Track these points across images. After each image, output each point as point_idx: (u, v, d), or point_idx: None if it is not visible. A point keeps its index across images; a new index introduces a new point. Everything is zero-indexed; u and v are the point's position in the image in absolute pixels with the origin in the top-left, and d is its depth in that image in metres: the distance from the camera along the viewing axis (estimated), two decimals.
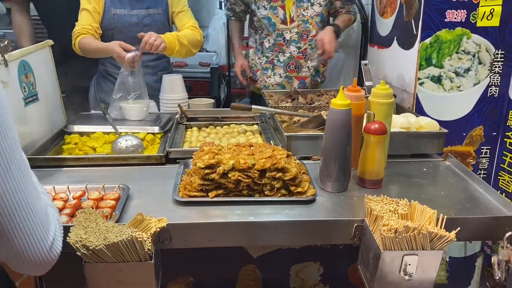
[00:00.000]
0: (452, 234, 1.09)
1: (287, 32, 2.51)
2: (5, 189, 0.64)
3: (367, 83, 1.99)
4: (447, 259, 2.26)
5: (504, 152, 2.03)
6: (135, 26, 2.34)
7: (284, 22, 2.49)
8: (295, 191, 1.36)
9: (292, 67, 2.57)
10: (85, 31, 2.25)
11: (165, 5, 2.41)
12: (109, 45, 2.12)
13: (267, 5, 2.48)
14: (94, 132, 1.89)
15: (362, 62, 2.13)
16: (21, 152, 0.72)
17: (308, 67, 2.58)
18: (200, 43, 2.43)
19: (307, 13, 2.48)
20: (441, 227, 1.12)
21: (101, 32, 2.33)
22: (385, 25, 2.42)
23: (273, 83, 2.62)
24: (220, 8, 4.68)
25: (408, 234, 1.08)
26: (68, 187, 1.40)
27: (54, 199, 1.33)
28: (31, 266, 0.71)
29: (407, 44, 2.11)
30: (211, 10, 4.75)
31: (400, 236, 1.08)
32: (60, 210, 1.28)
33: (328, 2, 2.50)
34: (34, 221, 0.69)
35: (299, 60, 2.56)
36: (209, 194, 1.34)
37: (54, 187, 1.39)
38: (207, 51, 4.49)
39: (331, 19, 2.65)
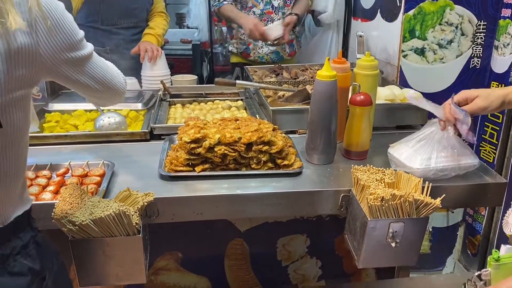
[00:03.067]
0: (437, 201, 1.11)
1: (275, 0, 2.58)
2: (105, 68, 1.04)
3: (359, 55, 1.98)
4: (430, 229, 2.32)
5: (485, 123, 2.06)
6: None
7: None
8: (282, 164, 1.36)
9: None
10: None
11: None
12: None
13: None
14: (76, 110, 1.85)
15: (357, 33, 2.11)
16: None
17: (292, 30, 2.68)
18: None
19: None
20: (426, 195, 1.14)
21: None
22: None
23: (267, 52, 2.68)
24: None
25: (394, 202, 1.09)
26: (50, 164, 1.37)
27: (37, 176, 1.30)
28: (119, 96, 1.12)
29: (390, 16, 2.10)
30: None
31: (386, 204, 1.09)
32: (44, 187, 1.25)
33: None
34: (117, 75, 1.10)
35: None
36: (196, 168, 1.33)
37: (36, 164, 1.36)
38: (188, 27, 4.39)
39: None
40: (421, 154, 1.30)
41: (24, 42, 0.77)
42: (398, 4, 2.00)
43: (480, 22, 1.97)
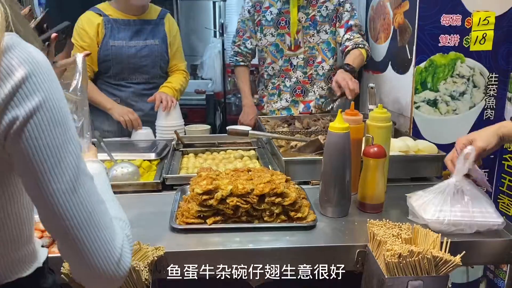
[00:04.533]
0: (457, 258, 1.07)
1: (294, 58, 2.55)
2: (72, 205, 0.65)
3: (371, 107, 1.99)
4: (450, 285, 2.22)
5: (502, 174, 2.02)
6: (133, 57, 2.38)
7: (290, 48, 2.54)
8: (295, 216, 1.33)
9: (299, 91, 2.60)
10: None
11: (162, 35, 2.46)
12: (110, 108, 2.32)
13: (274, 32, 2.52)
14: None
15: (369, 85, 2.11)
16: (85, 167, 0.70)
17: (314, 92, 2.61)
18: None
19: (313, 39, 2.52)
20: (445, 251, 1.10)
21: (96, 69, 2.38)
22: (379, 51, 2.45)
23: (279, 108, 2.65)
24: (215, 36, 4.77)
25: (412, 259, 1.05)
26: None
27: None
28: (103, 282, 0.70)
29: (402, 68, 2.13)
30: (206, 38, 4.84)
31: (404, 261, 1.05)
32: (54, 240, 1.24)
33: (334, 30, 2.52)
34: (99, 236, 0.67)
35: (305, 85, 2.59)
36: (207, 220, 1.31)
37: None
38: (202, 79, 4.52)
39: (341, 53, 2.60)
40: (436, 205, 1.29)
41: None
42: (409, 57, 2.03)
43: (492, 74, 1.98)
